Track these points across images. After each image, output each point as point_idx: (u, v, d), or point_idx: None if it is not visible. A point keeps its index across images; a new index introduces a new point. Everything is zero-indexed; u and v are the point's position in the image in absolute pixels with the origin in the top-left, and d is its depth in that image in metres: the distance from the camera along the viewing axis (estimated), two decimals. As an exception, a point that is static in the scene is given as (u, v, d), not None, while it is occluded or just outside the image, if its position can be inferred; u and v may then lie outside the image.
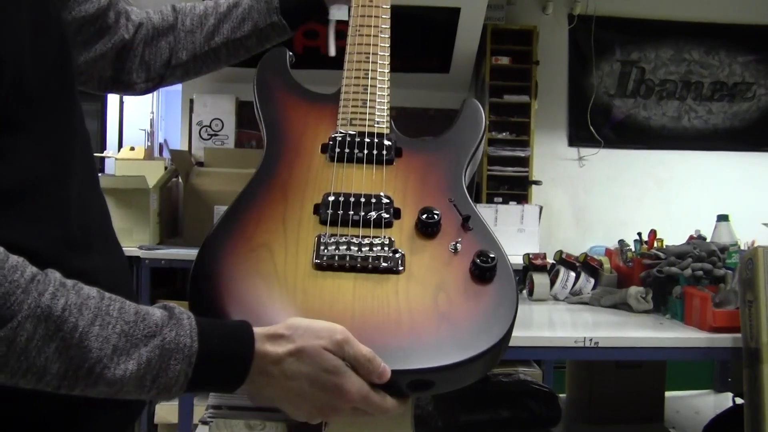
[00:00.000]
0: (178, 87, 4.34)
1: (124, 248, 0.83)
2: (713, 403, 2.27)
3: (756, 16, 4.49)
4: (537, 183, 4.18)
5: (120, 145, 5.17)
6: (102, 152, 4.62)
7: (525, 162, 4.15)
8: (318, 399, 0.66)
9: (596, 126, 4.43)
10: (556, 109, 4.45)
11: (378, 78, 0.98)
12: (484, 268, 0.77)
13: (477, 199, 3.92)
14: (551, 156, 4.44)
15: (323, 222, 0.81)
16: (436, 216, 0.81)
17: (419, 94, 4.10)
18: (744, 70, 4.54)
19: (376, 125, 0.93)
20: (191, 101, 4.34)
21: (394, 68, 0.99)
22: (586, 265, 1.92)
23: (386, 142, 0.91)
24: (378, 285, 0.76)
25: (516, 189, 4.14)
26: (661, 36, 4.48)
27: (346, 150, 0.89)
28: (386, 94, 0.97)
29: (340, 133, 0.92)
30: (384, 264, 0.77)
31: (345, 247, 0.77)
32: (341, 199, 0.83)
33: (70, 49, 0.77)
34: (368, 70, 0.98)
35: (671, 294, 1.68)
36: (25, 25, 0.65)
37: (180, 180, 3.55)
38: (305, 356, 0.65)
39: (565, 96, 4.48)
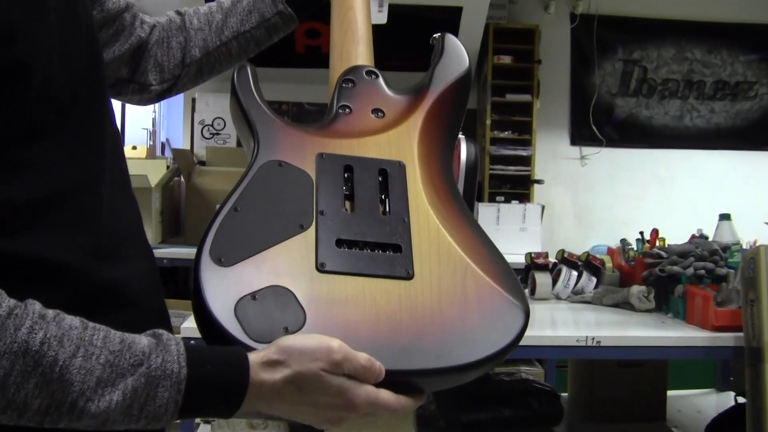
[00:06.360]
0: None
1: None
2: (715, 402, 2.27)
3: (758, 15, 4.48)
4: (539, 182, 4.17)
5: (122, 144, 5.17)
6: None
7: (527, 161, 4.14)
8: (324, 415, 0.65)
9: (598, 125, 4.43)
10: (558, 108, 4.45)
11: None
12: None
13: (479, 198, 3.92)
14: (553, 155, 4.44)
15: None
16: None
17: (421, 94, 4.10)
18: (746, 69, 4.54)
19: None
20: (193, 100, 4.34)
21: (395, 68, 0.97)
22: (588, 264, 1.92)
23: None
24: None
25: (518, 188, 4.14)
26: (663, 35, 4.48)
27: None
28: None
29: None
30: None
31: None
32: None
33: (100, 49, 0.75)
34: None
35: (673, 293, 1.68)
36: (53, 27, 0.64)
37: (182, 179, 3.56)
38: (304, 382, 0.62)
39: (567, 95, 4.48)
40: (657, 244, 1.93)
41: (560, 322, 1.71)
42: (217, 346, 0.64)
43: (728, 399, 2.17)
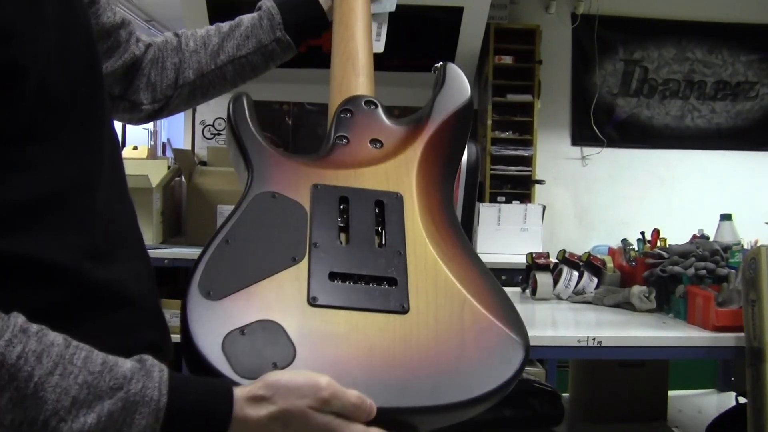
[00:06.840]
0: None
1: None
2: (716, 402, 2.26)
3: (759, 15, 4.48)
4: (540, 182, 4.17)
5: (123, 144, 5.19)
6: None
7: (528, 161, 4.14)
8: None
9: (599, 125, 4.43)
10: (559, 108, 4.45)
11: None
12: None
13: (480, 199, 3.92)
14: (554, 155, 4.44)
15: None
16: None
17: (422, 93, 4.08)
18: (747, 69, 4.54)
19: None
20: (194, 100, 4.34)
21: (396, 68, 0.96)
22: (589, 264, 1.92)
23: None
24: None
25: (519, 188, 4.14)
26: (664, 35, 4.48)
27: None
28: None
29: None
30: None
31: None
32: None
33: (98, 50, 0.75)
34: None
35: (674, 293, 1.68)
36: (50, 28, 0.63)
37: (183, 179, 3.56)
38: (290, 419, 0.60)
39: (568, 95, 4.48)
40: (658, 244, 1.93)
41: (561, 323, 1.71)
42: (204, 378, 0.62)
43: (729, 399, 2.17)
